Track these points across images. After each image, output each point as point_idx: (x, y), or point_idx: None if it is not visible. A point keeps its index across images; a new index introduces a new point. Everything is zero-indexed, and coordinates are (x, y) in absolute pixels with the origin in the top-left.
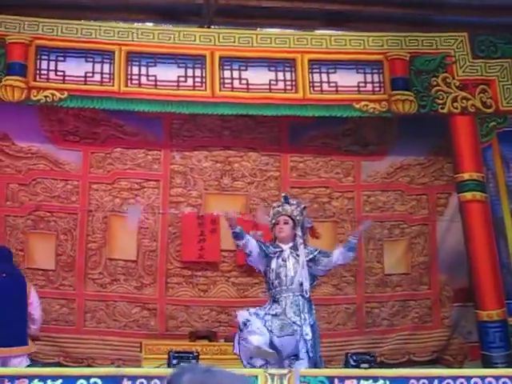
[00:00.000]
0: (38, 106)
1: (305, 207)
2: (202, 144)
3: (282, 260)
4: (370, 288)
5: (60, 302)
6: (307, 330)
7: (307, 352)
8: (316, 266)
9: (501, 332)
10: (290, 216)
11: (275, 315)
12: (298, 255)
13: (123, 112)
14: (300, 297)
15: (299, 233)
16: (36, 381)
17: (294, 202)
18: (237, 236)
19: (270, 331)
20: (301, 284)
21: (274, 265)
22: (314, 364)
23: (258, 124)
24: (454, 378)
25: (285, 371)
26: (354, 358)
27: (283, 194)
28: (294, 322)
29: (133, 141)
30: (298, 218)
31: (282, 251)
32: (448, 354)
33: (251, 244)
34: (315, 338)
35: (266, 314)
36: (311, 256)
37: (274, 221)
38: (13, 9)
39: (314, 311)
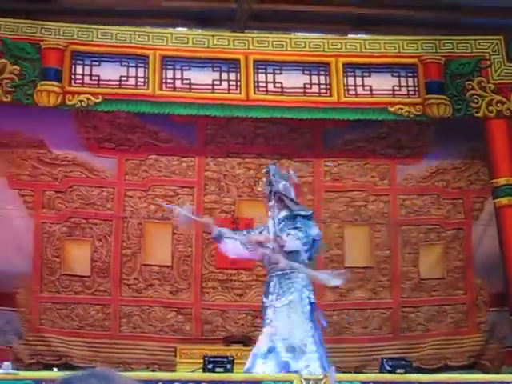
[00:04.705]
0: (74, 113)
1: (267, 171)
2: (236, 151)
3: None
4: (405, 292)
5: (95, 307)
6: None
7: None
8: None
9: None
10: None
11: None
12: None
13: (157, 118)
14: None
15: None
16: None
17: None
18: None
19: None
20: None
21: None
22: None
23: (291, 130)
24: None
25: (320, 376)
26: (390, 363)
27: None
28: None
29: (167, 147)
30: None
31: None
32: (485, 359)
33: (231, 245)
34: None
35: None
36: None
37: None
38: (49, 15)
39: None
